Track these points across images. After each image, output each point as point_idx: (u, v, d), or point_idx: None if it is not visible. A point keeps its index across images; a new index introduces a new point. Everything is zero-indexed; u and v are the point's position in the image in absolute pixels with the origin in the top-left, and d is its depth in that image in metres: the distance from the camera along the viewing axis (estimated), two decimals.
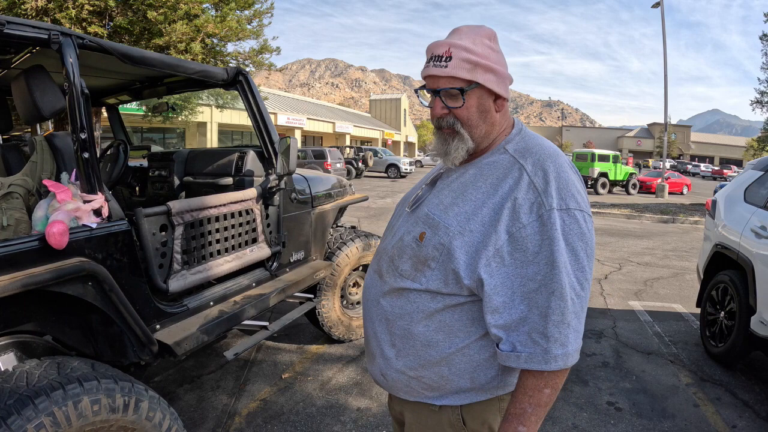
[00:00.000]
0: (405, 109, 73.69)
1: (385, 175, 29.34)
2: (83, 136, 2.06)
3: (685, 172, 51.41)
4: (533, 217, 1.12)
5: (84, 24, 11.07)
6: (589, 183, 23.58)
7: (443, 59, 1.19)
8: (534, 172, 1.17)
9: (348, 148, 29.67)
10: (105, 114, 4.35)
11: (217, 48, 13.83)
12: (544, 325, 1.10)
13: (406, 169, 29.04)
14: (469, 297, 1.21)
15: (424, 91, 1.30)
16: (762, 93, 22.85)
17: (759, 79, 23.25)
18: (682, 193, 25.98)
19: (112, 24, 11.75)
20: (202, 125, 31.04)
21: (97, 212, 2.11)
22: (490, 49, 1.21)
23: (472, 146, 1.26)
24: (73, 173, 2.18)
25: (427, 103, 1.30)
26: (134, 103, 5.20)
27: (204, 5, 12.63)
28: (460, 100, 1.21)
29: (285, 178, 3.31)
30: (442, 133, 1.28)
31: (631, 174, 24.71)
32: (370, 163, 27.20)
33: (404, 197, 1.51)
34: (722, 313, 4.20)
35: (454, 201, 1.25)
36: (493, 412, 1.29)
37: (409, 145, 74.65)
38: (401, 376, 1.31)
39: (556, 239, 1.10)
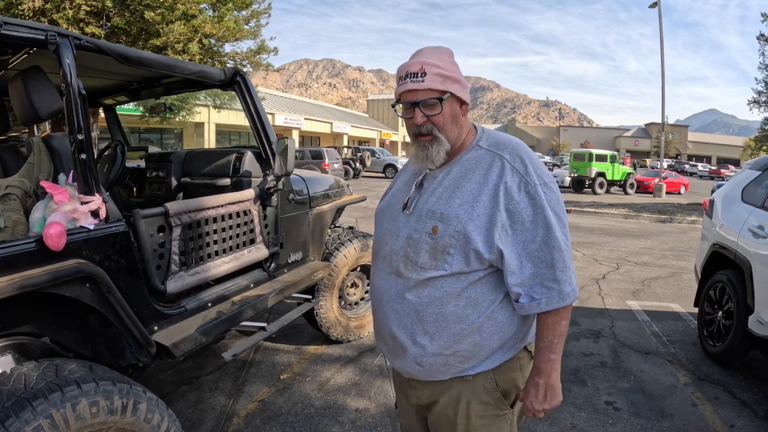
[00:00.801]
0: None
1: (383, 175, 29.34)
2: (80, 137, 2.05)
3: (683, 172, 51.48)
4: (522, 194, 1.38)
5: (81, 24, 11.05)
6: (587, 183, 23.60)
7: (419, 75, 1.39)
8: (513, 160, 1.42)
9: (345, 149, 29.67)
10: (102, 115, 4.34)
11: (215, 48, 13.80)
12: (553, 273, 1.37)
13: None
14: (486, 270, 1.43)
15: (400, 105, 1.47)
16: (759, 93, 22.84)
17: (756, 78, 23.23)
18: (679, 193, 26.03)
19: (109, 24, 11.73)
20: (200, 126, 31.02)
21: (95, 213, 2.11)
22: (452, 64, 1.44)
23: (449, 147, 1.46)
24: (71, 174, 2.18)
25: (401, 114, 1.50)
26: (132, 103, 5.20)
27: (201, 5, 12.61)
28: (438, 108, 1.41)
29: (283, 178, 3.30)
30: (421, 140, 1.47)
31: (629, 174, 24.74)
32: (368, 163, 27.19)
33: (385, 204, 1.68)
34: (720, 312, 4.21)
35: (452, 195, 1.44)
36: (515, 370, 1.52)
37: (406, 146, 74.65)
38: (438, 357, 1.47)
39: (545, 207, 1.37)
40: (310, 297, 3.91)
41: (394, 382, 1.78)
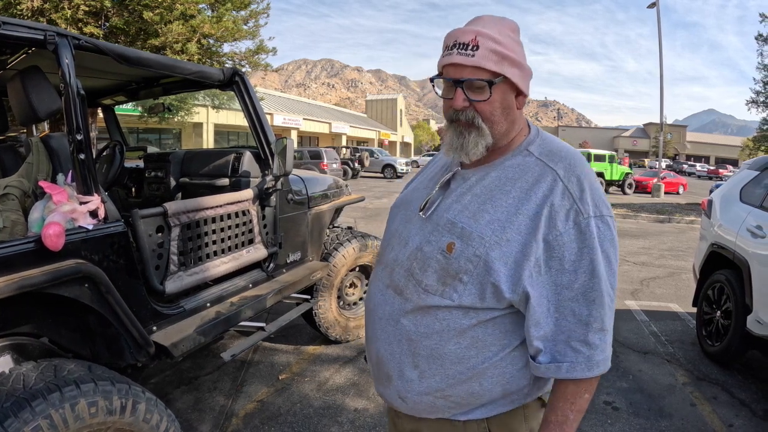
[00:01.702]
0: (401, 110, 73.79)
1: (382, 175, 29.34)
2: (79, 137, 2.05)
3: (681, 172, 51.50)
4: (570, 225, 1.09)
5: (80, 24, 11.04)
6: None
7: (469, 47, 1.10)
8: (567, 178, 1.13)
9: (344, 149, 29.67)
10: (101, 115, 4.34)
11: (213, 48, 13.80)
12: (585, 333, 1.08)
13: (403, 170, 29.06)
14: (504, 310, 1.15)
15: (442, 80, 1.18)
16: (757, 93, 22.91)
17: (754, 79, 23.26)
18: (678, 193, 26.04)
19: (107, 24, 11.72)
20: (198, 126, 30.99)
21: (94, 214, 2.10)
22: (515, 42, 1.15)
23: (491, 143, 1.17)
24: (69, 174, 2.18)
25: (440, 93, 1.21)
26: (130, 103, 5.19)
27: (200, 5, 12.61)
28: (487, 92, 1.12)
29: (281, 178, 3.30)
30: (458, 126, 1.18)
31: (627, 174, 24.78)
32: (367, 163, 27.22)
33: (403, 199, 1.41)
34: (718, 312, 4.22)
35: (481, 207, 1.16)
36: (519, 421, 1.25)
37: (405, 146, 74.71)
38: (425, 397, 1.22)
39: (594, 248, 1.08)
40: (308, 297, 3.91)
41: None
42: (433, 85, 1.22)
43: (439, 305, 1.16)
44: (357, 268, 4.29)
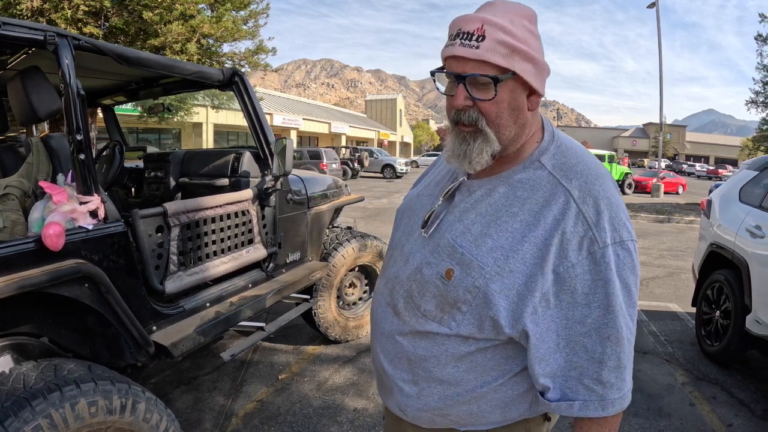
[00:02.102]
0: (401, 110, 73.85)
1: (381, 175, 29.34)
2: (79, 137, 2.06)
3: (681, 172, 51.50)
4: (583, 255, 0.98)
5: (79, 25, 11.05)
6: None
7: (474, 38, 0.96)
8: (582, 199, 1.01)
9: (344, 149, 29.66)
10: (101, 115, 4.34)
11: (213, 49, 13.82)
12: (599, 371, 0.99)
13: (402, 170, 29.06)
14: (504, 340, 1.08)
15: (443, 74, 1.04)
16: (757, 93, 22.91)
17: (754, 79, 23.26)
18: (677, 193, 26.05)
19: (107, 25, 11.73)
20: (198, 126, 31.00)
21: (94, 214, 2.11)
22: (530, 33, 1.00)
23: (498, 149, 1.04)
24: (69, 174, 2.18)
25: (443, 89, 1.06)
26: (130, 103, 5.20)
27: (200, 6, 12.62)
28: (492, 91, 0.98)
29: (281, 178, 3.31)
30: (460, 130, 1.05)
31: (627, 174, 24.79)
32: (366, 163, 27.22)
33: (408, 204, 1.32)
34: (717, 312, 4.22)
35: (485, 231, 1.05)
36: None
37: (404, 146, 74.74)
38: (424, 414, 1.18)
39: (611, 281, 0.98)
40: (308, 297, 3.91)
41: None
42: (434, 80, 1.07)
43: (438, 332, 1.10)
44: (356, 268, 4.29)
